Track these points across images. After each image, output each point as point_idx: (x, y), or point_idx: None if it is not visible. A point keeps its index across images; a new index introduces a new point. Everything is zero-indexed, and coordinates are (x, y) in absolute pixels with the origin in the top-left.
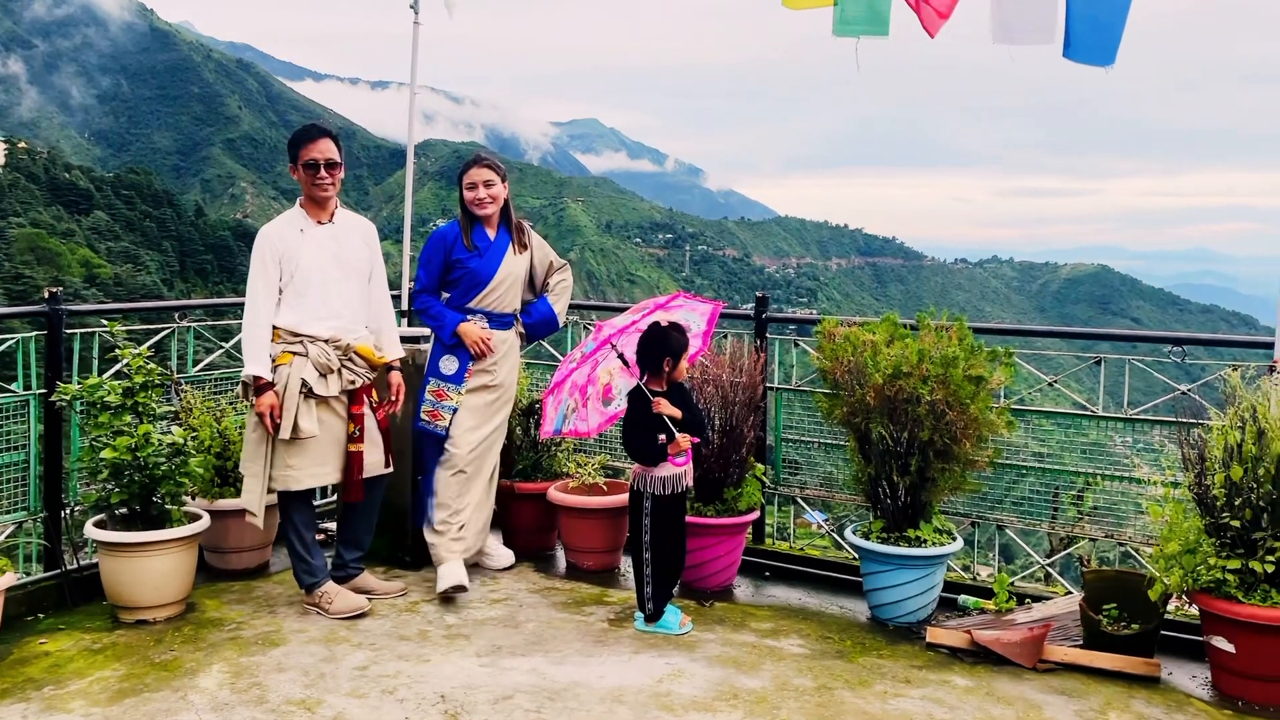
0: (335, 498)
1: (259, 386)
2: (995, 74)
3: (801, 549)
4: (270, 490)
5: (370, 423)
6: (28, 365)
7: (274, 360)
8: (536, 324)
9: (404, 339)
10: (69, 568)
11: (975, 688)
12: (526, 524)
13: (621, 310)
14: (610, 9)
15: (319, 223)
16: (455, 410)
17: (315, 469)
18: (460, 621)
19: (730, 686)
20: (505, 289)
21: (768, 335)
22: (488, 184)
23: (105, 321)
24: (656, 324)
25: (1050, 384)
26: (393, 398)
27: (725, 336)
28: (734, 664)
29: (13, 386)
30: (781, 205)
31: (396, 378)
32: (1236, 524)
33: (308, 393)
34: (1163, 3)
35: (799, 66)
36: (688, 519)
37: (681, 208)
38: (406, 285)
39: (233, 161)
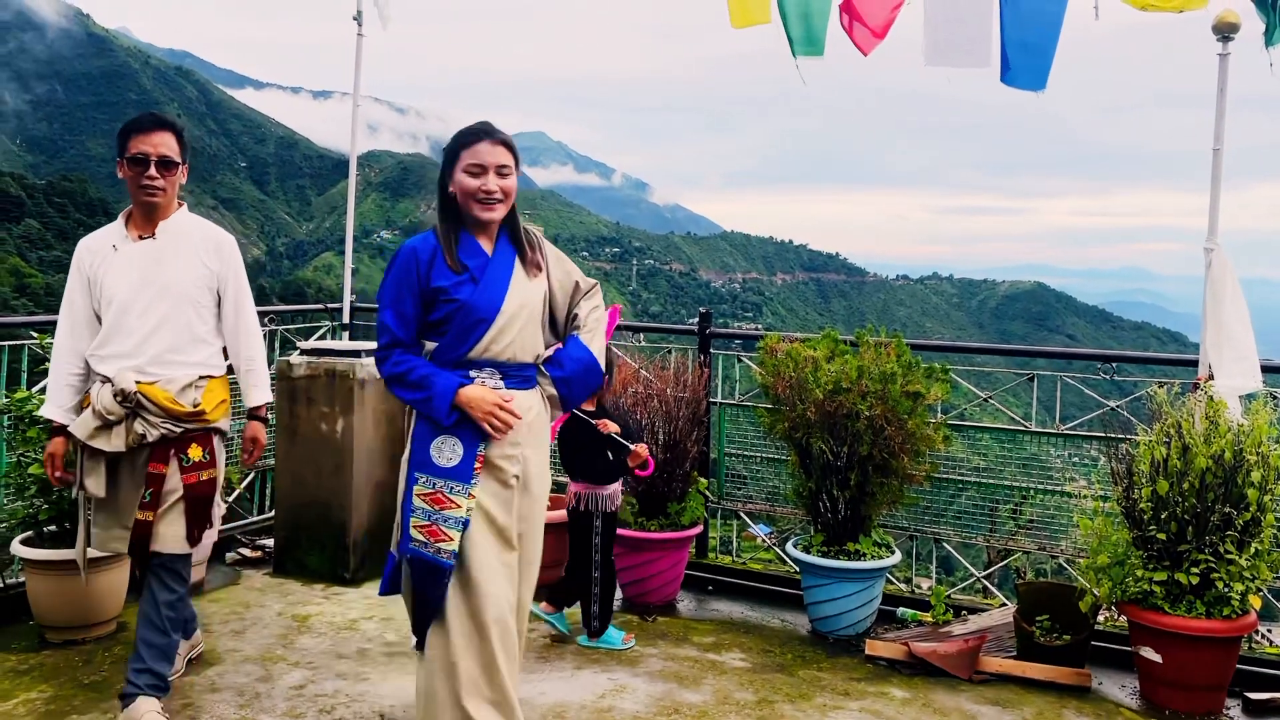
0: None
1: (51, 429)
2: (930, 95)
3: (744, 563)
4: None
5: (174, 485)
6: None
7: (82, 401)
8: (573, 377)
9: (338, 352)
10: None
11: (912, 699)
12: None
13: None
14: (555, 22)
15: (139, 237)
16: (466, 524)
17: (115, 534)
18: (400, 639)
19: (672, 701)
20: (519, 329)
21: (711, 350)
22: (501, 171)
23: (35, 334)
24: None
25: (986, 400)
26: (244, 454)
27: (669, 351)
28: (676, 679)
29: None
30: (727, 220)
31: (253, 430)
32: (1163, 537)
33: (90, 448)
34: (1087, 28)
35: (740, 83)
36: (630, 533)
37: (629, 222)
38: (349, 298)
39: None
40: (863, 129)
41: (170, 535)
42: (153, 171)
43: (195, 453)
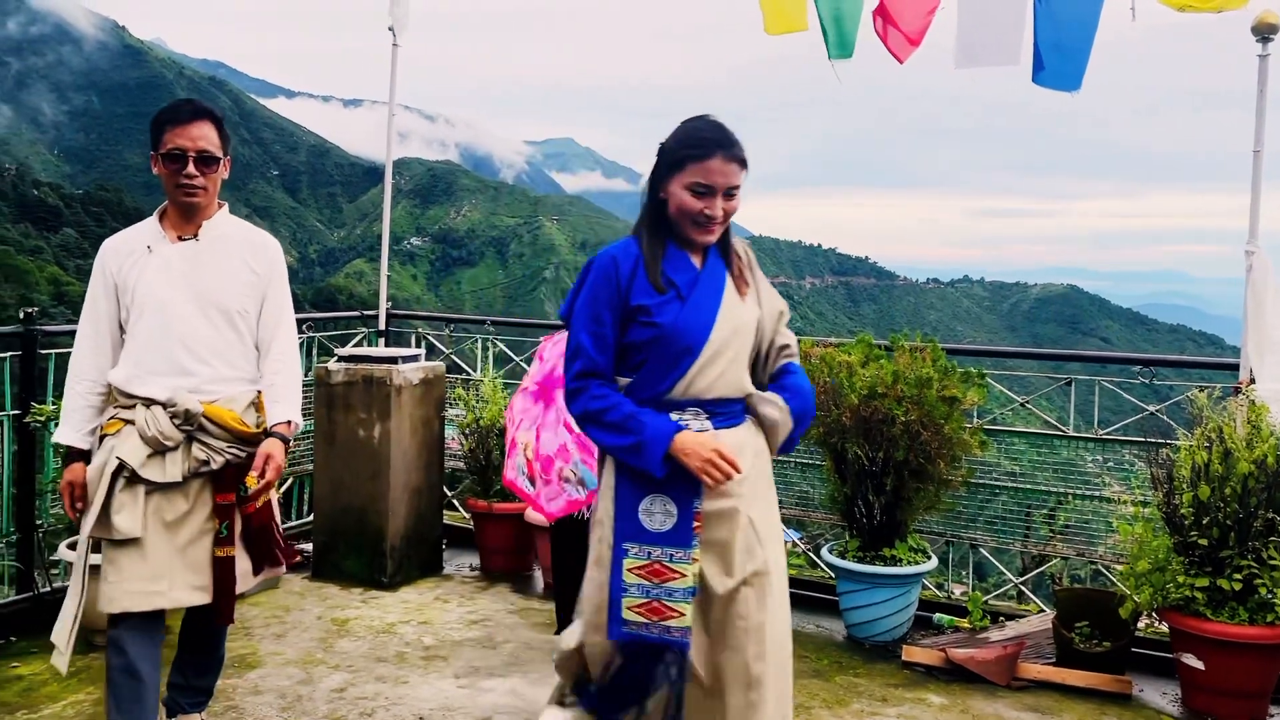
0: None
1: (67, 455)
2: (963, 98)
3: None
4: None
5: (241, 520)
6: (2, 386)
7: (101, 428)
8: (806, 412)
9: (375, 359)
10: (41, 590)
11: (950, 705)
12: (503, 545)
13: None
14: (584, 30)
15: (179, 238)
16: (693, 593)
17: (142, 585)
18: (438, 643)
19: None
20: (729, 360)
21: None
22: (730, 193)
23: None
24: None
25: (1022, 404)
26: (255, 471)
27: None
28: None
29: None
30: (755, 225)
31: (270, 447)
32: (1204, 543)
33: (130, 477)
34: (1124, 29)
35: (770, 88)
36: None
37: None
38: (384, 305)
39: None
40: (895, 132)
41: (242, 570)
42: (191, 169)
43: (251, 481)
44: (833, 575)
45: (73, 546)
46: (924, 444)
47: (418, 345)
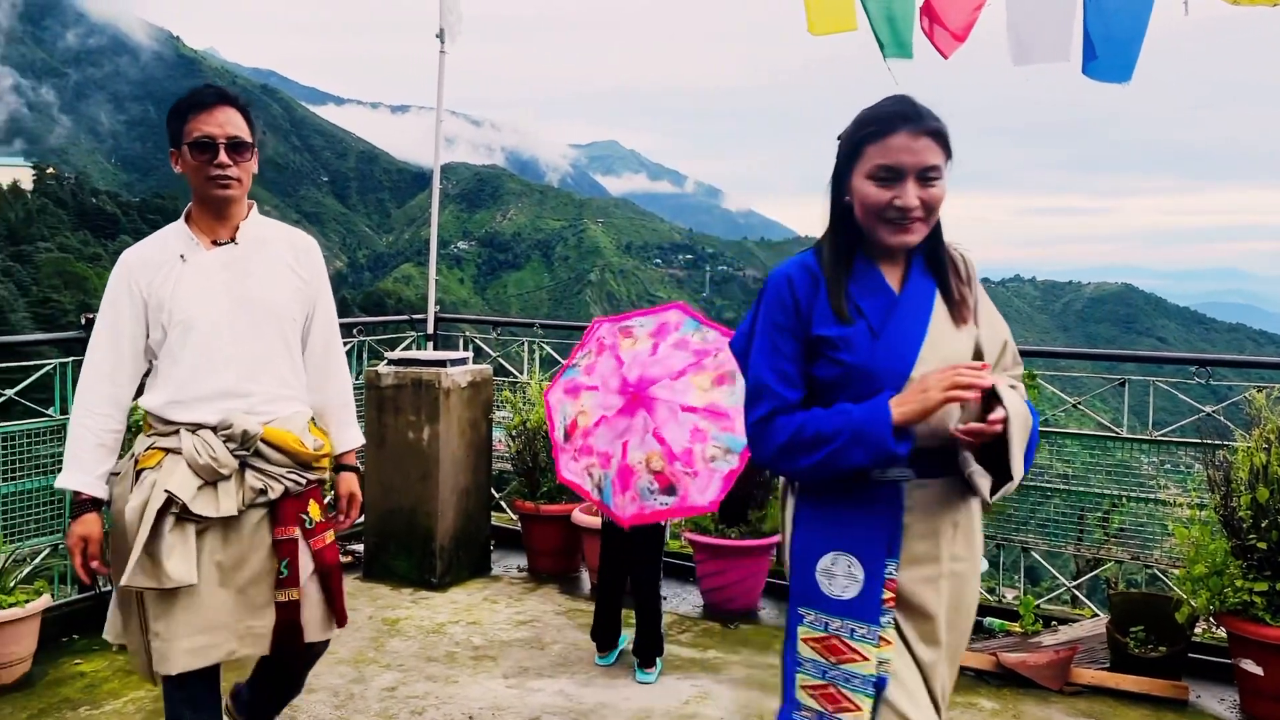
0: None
1: (76, 503)
2: (1011, 94)
3: None
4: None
5: (305, 556)
6: (63, 390)
7: (137, 461)
8: (1032, 447)
9: (424, 362)
10: (102, 589)
11: (1002, 710)
12: (551, 546)
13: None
14: (629, 33)
15: (214, 243)
16: (882, 684)
17: (197, 639)
18: (487, 643)
19: (757, 709)
20: None
21: None
22: (927, 176)
23: None
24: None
25: (1075, 405)
26: (342, 515)
27: None
28: (760, 687)
29: (49, 411)
30: (801, 225)
31: (350, 484)
32: (1263, 546)
33: (180, 513)
34: (1176, 21)
35: (819, 89)
36: (711, 540)
37: (701, 228)
38: (433, 309)
39: (256, 186)
40: None
41: (313, 619)
42: (223, 157)
43: (315, 510)
44: None
45: None
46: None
47: (465, 348)
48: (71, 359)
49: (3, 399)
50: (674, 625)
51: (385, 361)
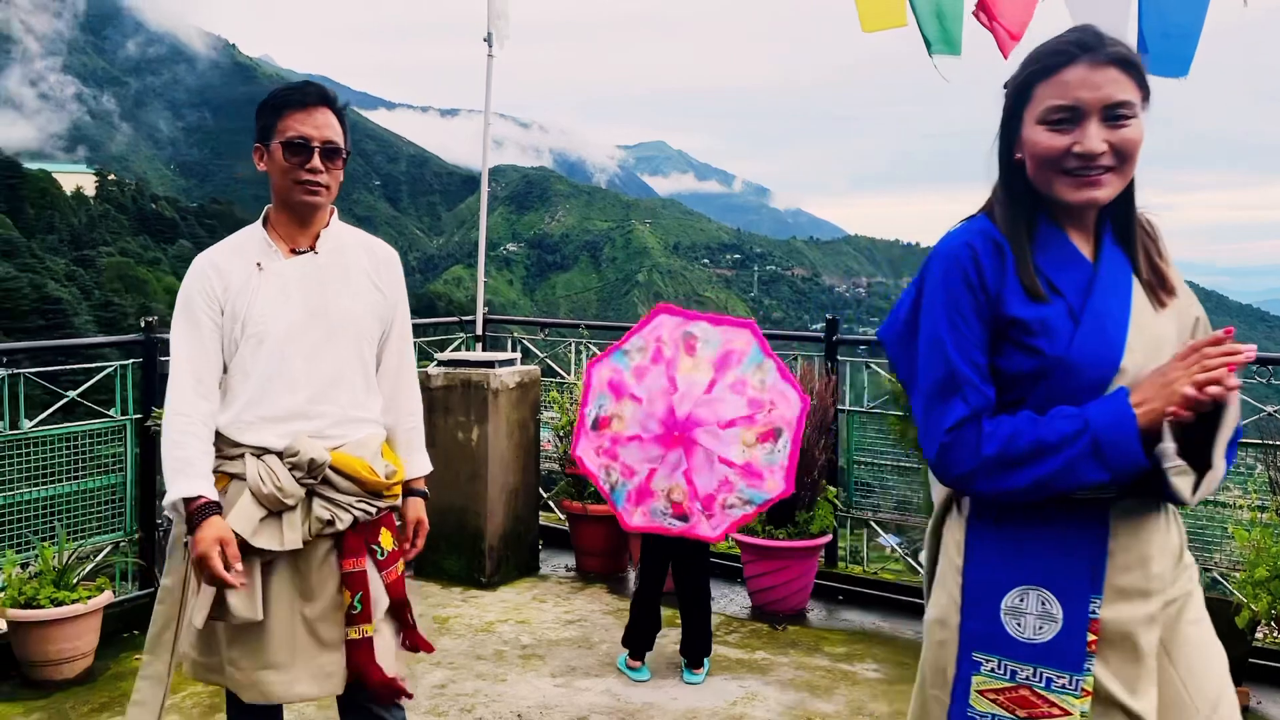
0: None
1: (195, 510)
2: None
3: (875, 573)
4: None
5: (378, 589)
6: (125, 391)
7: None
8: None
9: (473, 363)
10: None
11: None
12: (598, 546)
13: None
14: (676, 34)
15: (293, 251)
16: None
17: (265, 674)
18: (535, 642)
19: (804, 711)
20: None
21: (839, 357)
22: (1115, 114)
23: None
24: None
25: None
26: (408, 543)
27: (795, 358)
28: (808, 688)
29: (111, 412)
30: (850, 224)
31: (418, 510)
32: None
33: (244, 547)
34: (1235, 13)
35: (868, 88)
36: (759, 541)
37: (749, 228)
38: (481, 310)
39: None
40: (994, 128)
41: (387, 655)
42: (316, 161)
43: (387, 540)
44: None
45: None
46: None
47: (513, 349)
48: (131, 361)
49: (66, 400)
50: (721, 626)
51: (435, 363)
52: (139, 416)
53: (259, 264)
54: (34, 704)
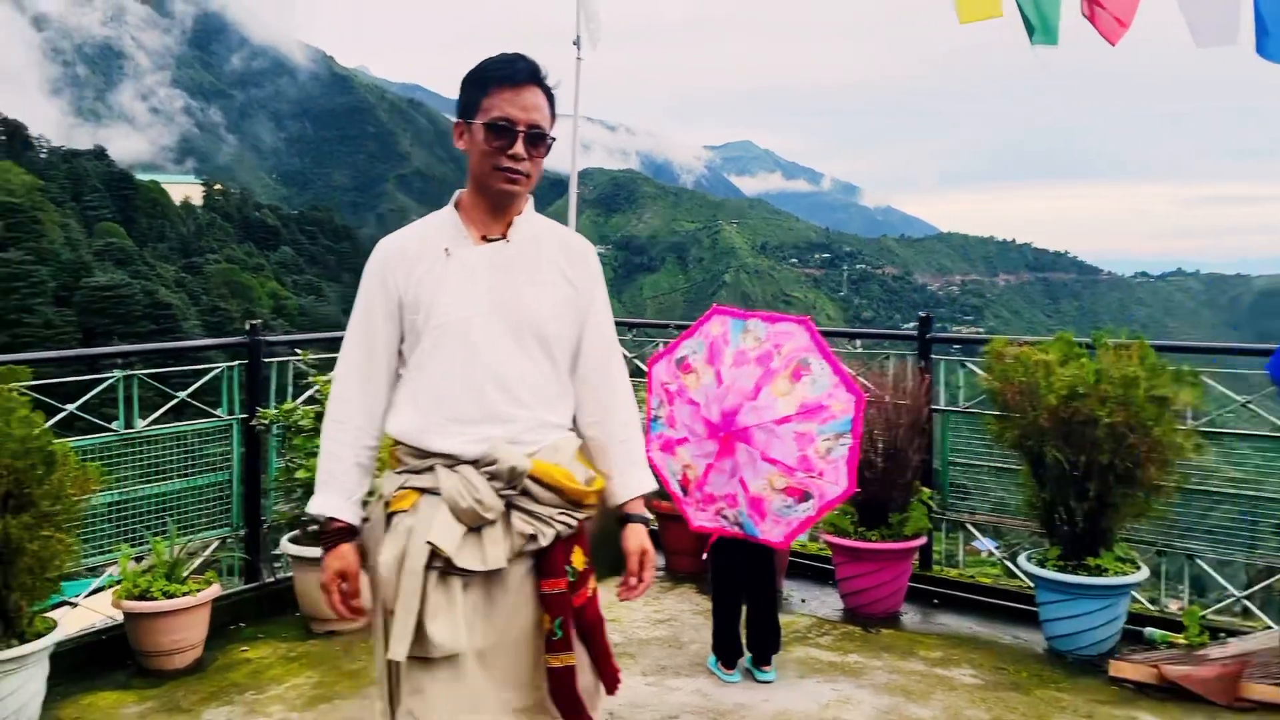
0: None
1: (329, 533)
2: (1167, 79)
3: (971, 576)
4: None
5: (571, 614)
6: (231, 392)
7: (387, 504)
8: None
9: None
10: (266, 580)
11: None
12: (687, 546)
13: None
14: (762, 32)
15: (484, 238)
16: None
17: (461, 715)
18: (625, 641)
19: (900, 715)
20: None
21: (932, 356)
22: None
23: (298, 350)
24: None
25: (1244, 405)
26: (633, 577)
27: (887, 357)
28: (903, 692)
29: (218, 412)
30: (942, 221)
31: (640, 538)
32: None
33: (444, 568)
34: None
35: (955, 81)
36: (850, 543)
37: (838, 227)
38: None
39: (404, 196)
40: (1098, 119)
41: (586, 686)
42: (519, 148)
43: (579, 558)
44: (1031, 585)
45: (293, 540)
46: (1131, 447)
47: None
48: (237, 363)
49: (176, 400)
50: (813, 628)
51: None
52: (244, 416)
53: (446, 250)
54: (147, 692)
